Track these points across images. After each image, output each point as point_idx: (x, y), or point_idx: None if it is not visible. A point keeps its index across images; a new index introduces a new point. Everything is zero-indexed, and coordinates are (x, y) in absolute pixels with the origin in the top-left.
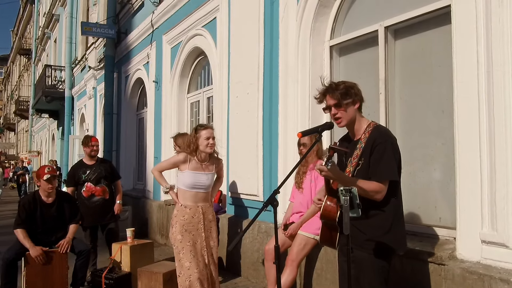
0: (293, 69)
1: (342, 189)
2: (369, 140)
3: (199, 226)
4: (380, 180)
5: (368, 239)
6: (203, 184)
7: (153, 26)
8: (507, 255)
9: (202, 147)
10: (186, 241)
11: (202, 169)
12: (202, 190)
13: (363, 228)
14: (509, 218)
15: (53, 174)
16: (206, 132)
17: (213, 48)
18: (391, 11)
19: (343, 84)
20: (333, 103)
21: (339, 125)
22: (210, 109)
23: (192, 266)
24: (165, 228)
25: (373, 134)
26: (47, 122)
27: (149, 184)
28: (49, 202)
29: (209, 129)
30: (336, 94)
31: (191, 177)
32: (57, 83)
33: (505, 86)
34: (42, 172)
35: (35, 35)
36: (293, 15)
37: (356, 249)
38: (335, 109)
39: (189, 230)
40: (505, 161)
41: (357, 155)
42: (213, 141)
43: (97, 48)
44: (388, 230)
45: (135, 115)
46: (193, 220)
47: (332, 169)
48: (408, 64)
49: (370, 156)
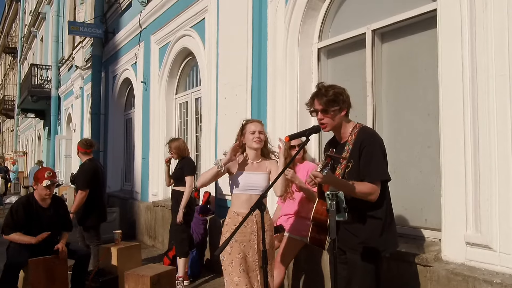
0: (282, 71)
1: (328, 193)
2: (356, 142)
3: (252, 236)
4: (373, 181)
5: (361, 242)
6: (257, 184)
7: (141, 26)
8: (490, 257)
9: (249, 142)
10: (236, 253)
11: (253, 168)
12: (257, 192)
13: (356, 231)
14: (492, 220)
15: (53, 181)
16: (252, 125)
17: (202, 49)
18: (378, 14)
19: (332, 90)
20: (320, 108)
21: (324, 130)
22: (198, 110)
23: (241, 283)
24: (153, 230)
25: (360, 136)
26: (33, 122)
27: (137, 185)
28: (45, 207)
29: (256, 122)
30: (323, 100)
31: (243, 178)
32: (44, 83)
33: (489, 90)
34: (41, 176)
35: (21, 33)
36: (282, 17)
37: (349, 252)
38: (321, 114)
39: (240, 241)
40: (488, 163)
41: (345, 157)
42: (259, 135)
43: (84, 47)
44: (381, 233)
45: (123, 115)
46: (245, 229)
47: (328, 176)
48: (395, 67)
49: (359, 158)
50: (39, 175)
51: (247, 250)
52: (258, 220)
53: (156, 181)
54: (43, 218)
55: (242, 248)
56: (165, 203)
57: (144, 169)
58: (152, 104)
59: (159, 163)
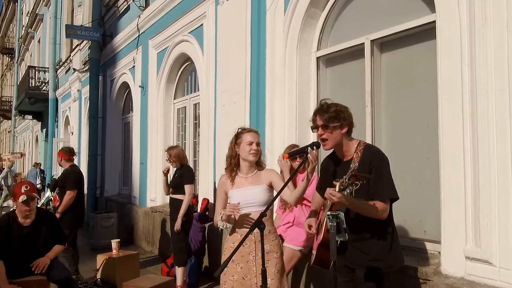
0: (280, 79)
1: (329, 214)
2: (364, 161)
3: (250, 257)
4: (384, 200)
5: (372, 258)
6: (255, 200)
7: (139, 30)
8: (490, 272)
9: (244, 154)
10: (230, 275)
11: (249, 182)
12: (255, 208)
13: (366, 248)
14: (492, 235)
15: (30, 195)
16: (249, 135)
17: (200, 55)
18: (377, 24)
19: (335, 107)
20: (320, 124)
21: (324, 147)
22: (197, 116)
23: None
24: (151, 235)
25: (367, 155)
26: (31, 124)
27: (135, 190)
28: (26, 225)
29: (253, 132)
30: (325, 116)
31: (239, 195)
32: (41, 85)
33: (488, 105)
34: (18, 191)
35: (18, 34)
36: (280, 26)
37: (359, 270)
38: (322, 129)
39: (237, 261)
40: (488, 179)
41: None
42: (256, 147)
43: (82, 50)
44: (390, 248)
45: (121, 119)
46: (243, 249)
47: (347, 196)
48: (394, 77)
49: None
50: (16, 190)
51: (244, 272)
52: (258, 240)
53: (154, 186)
54: (23, 238)
55: (239, 270)
56: (163, 208)
57: (142, 174)
58: (150, 108)
59: (157, 168)
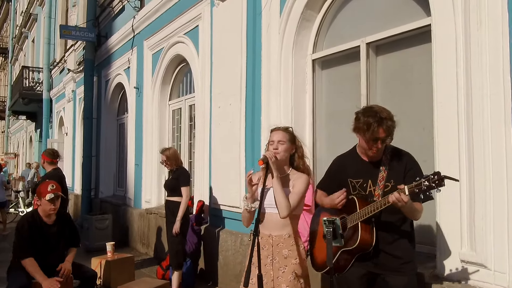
0: (276, 82)
1: (325, 220)
2: (397, 163)
3: (267, 261)
4: (421, 201)
5: (404, 262)
6: (272, 201)
7: (134, 31)
8: (486, 276)
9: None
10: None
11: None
12: (275, 210)
13: (398, 252)
14: (487, 239)
15: (56, 194)
16: (272, 134)
17: (195, 56)
18: (373, 27)
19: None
20: (382, 136)
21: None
22: (192, 117)
23: None
24: (146, 237)
25: (398, 158)
26: (25, 124)
27: (130, 191)
28: (51, 224)
29: (277, 130)
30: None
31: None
32: (35, 85)
33: (483, 109)
34: (44, 190)
35: (12, 34)
36: (276, 28)
37: (391, 275)
38: (381, 144)
39: (256, 264)
40: (483, 182)
41: (383, 177)
42: (277, 146)
43: (76, 50)
44: (413, 246)
45: (116, 120)
46: (262, 252)
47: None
48: (389, 80)
49: (403, 179)
50: (42, 189)
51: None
52: (275, 243)
53: (149, 188)
54: (49, 237)
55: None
56: (158, 210)
57: (137, 175)
58: (145, 110)
59: (152, 169)
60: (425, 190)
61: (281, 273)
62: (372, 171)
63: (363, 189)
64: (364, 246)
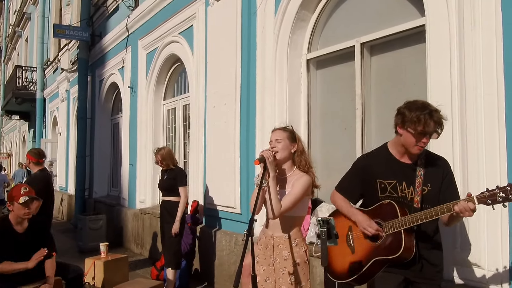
0: (271, 82)
1: (320, 220)
2: (433, 168)
3: (270, 261)
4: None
5: (439, 270)
6: None
7: (128, 30)
8: (479, 275)
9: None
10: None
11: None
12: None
13: (436, 259)
14: (480, 239)
15: (31, 196)
16: (271, 135)
17: (190, 56)
18: (367, 27)
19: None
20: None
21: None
22: (187, 117)
23: None
24: (140, 237)
25: (434, 162)
26: (18, 124)
27: (124, 192)
28: (21, 232)
29: (275, 130)
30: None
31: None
32: (28, 84)
33: (477, 109)
34: (17, 193)
35: (5, 33)
36: (271, 28)
37: (427, 284)
38: (428, 139)
39: (261, 263)
40: (476, 182)
41: (419, 182)
42: (275, 145)
43: (70, 49)
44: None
45: (110, 120)
46: (266, 252)
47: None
48: (384, 80)
49: (441, 184)
50: (14, 193)
51: (266, 274)
52: (276, 244)
53: (143, 188)
54: (19, 246)
55: (261, 272)
56: (152, 210)
57: (132, 176)
58: (140, 109)
59: (147, 169)
60: (500, 201)
61: (281, 274)
62: (408, 172)
63: (395, 191)
64: (406, 255)
